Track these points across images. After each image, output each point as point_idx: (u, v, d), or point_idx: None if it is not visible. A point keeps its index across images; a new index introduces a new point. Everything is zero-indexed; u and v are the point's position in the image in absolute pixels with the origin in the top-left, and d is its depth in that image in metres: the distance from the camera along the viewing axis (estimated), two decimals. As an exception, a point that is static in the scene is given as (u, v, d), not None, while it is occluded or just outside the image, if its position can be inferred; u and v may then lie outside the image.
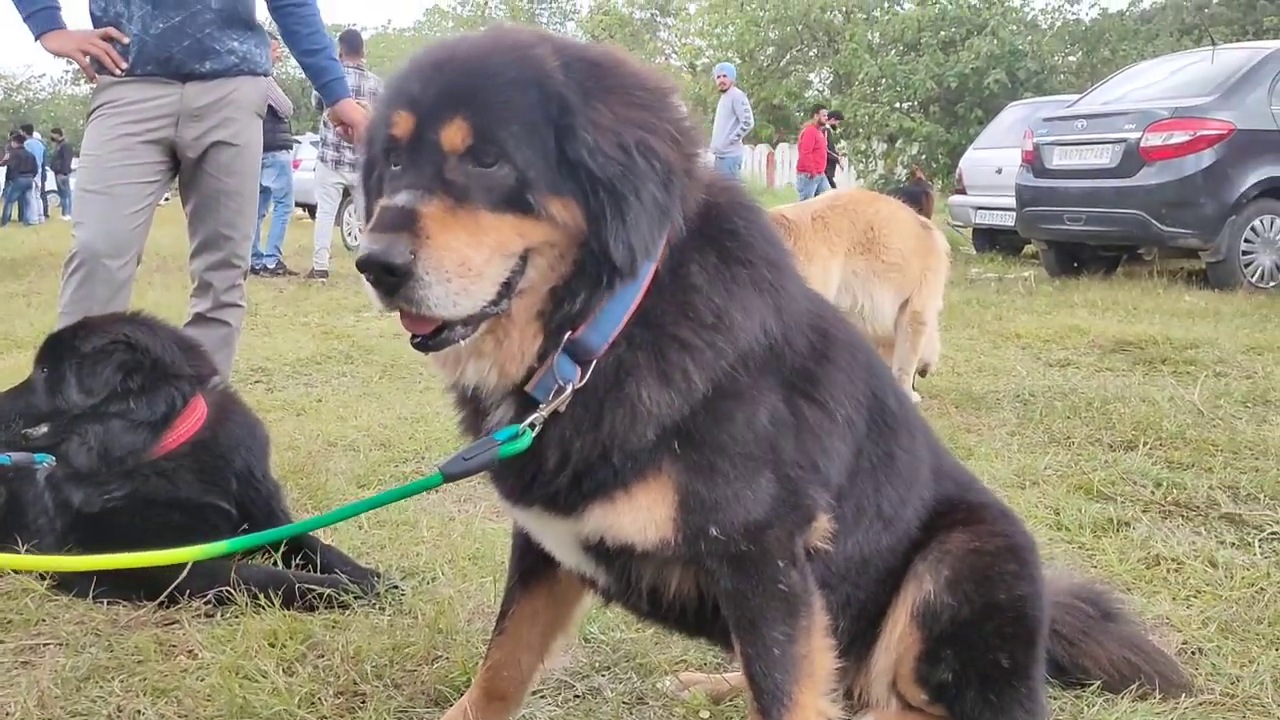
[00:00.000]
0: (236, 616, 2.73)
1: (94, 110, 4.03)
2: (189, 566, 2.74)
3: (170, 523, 2.88)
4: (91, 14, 4.05)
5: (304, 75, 4.61)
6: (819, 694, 1.87)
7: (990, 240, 15.05)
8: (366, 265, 1.49)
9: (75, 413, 2.94)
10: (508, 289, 1.57)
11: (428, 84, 1.59)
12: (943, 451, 2.27)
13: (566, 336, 1.64)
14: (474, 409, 1.82)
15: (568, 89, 1.57)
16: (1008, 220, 13.19)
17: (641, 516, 1.73)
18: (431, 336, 1.57)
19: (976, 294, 9.92)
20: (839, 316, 2.09)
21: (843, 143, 27.32)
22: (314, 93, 12.59)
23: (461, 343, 1.58)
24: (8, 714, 2.28)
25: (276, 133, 13.26)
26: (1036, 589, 2.13)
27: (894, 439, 2.05)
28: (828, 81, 36.94)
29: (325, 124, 12.65)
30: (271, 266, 12.78)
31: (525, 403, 1.71)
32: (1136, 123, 10.31)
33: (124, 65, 3.93)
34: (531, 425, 1.68)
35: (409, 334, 1.59)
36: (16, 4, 3.96)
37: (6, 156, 28.65)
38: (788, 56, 38.77)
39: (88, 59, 3.94)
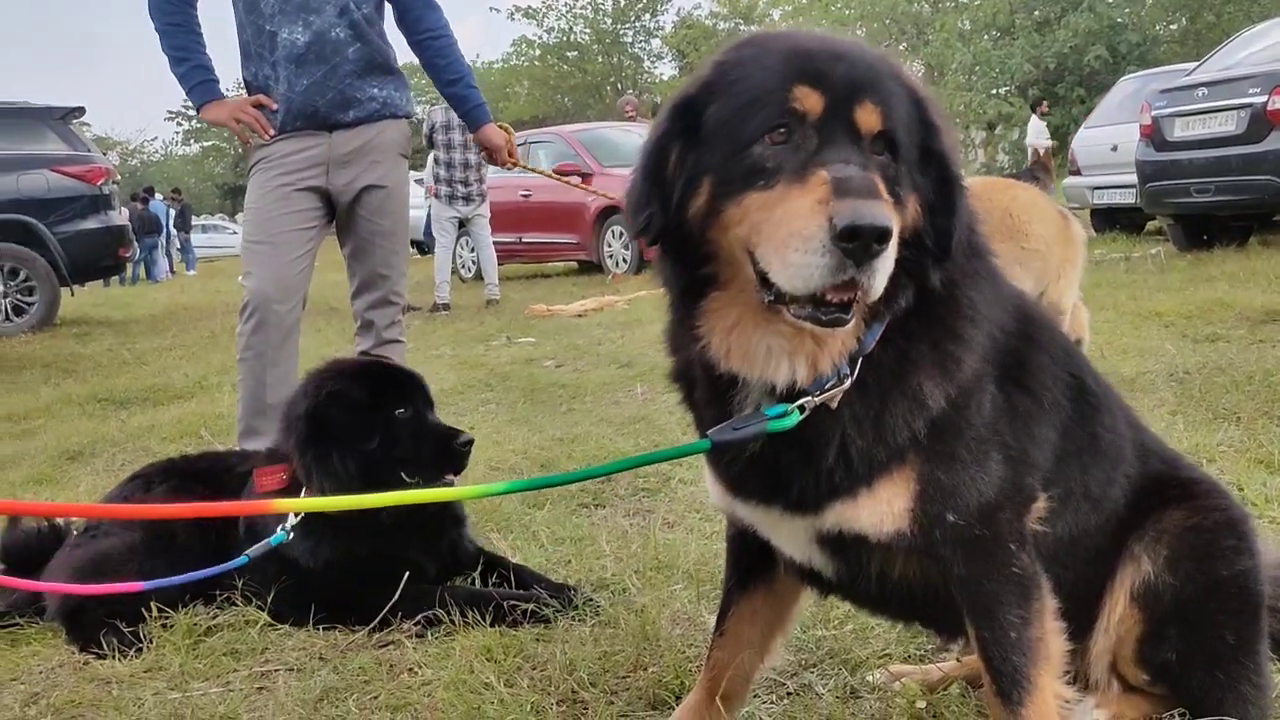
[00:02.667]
0: (449, 635, 2.85)
1: (252, 167, 4.27)
2: (400, 591, 2.90)
3: (382, 576, 2.99)
4: (244, 80, 4.32)
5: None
6: (1055, 676, 1.89)
7: (1110, 220, 14.71)
8: (860, 231, 1.46)
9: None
10: None
11: (837, 68, 1.62)
12: (1145, 428, 2.27)
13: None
14: (722, 403, 1.85)
15: (930, 106, 1.72)
16: (1127, 198, 12.87)
17: (881, 509, 1.78)
18: (845, 310, 1.57)
19: (1106, 275, 9.69)
20: (1034, 301, 2.13)
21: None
22: (425, 129, 13.01)
23: (851, 323, 1.62)
24: (257, 736, 2.42)
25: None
26: (1257, 563, 2.11)
27: (1097, 419, 2.06)
28: (920, 74, 36.46)
29: (437, 160, 13.01)
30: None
31: (779, 400, 1.75)
32: (1262, 86, 9.98)
33: (272, 132, 4.16)
34: (801, 408, 1.72)
35: (810, 312, 1.57)
36: (179, 79, 4.23)
37: (131, 218, 29.99)
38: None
39: (241, 126, 4.16)
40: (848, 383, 1.71)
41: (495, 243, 17.10)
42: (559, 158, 16.67)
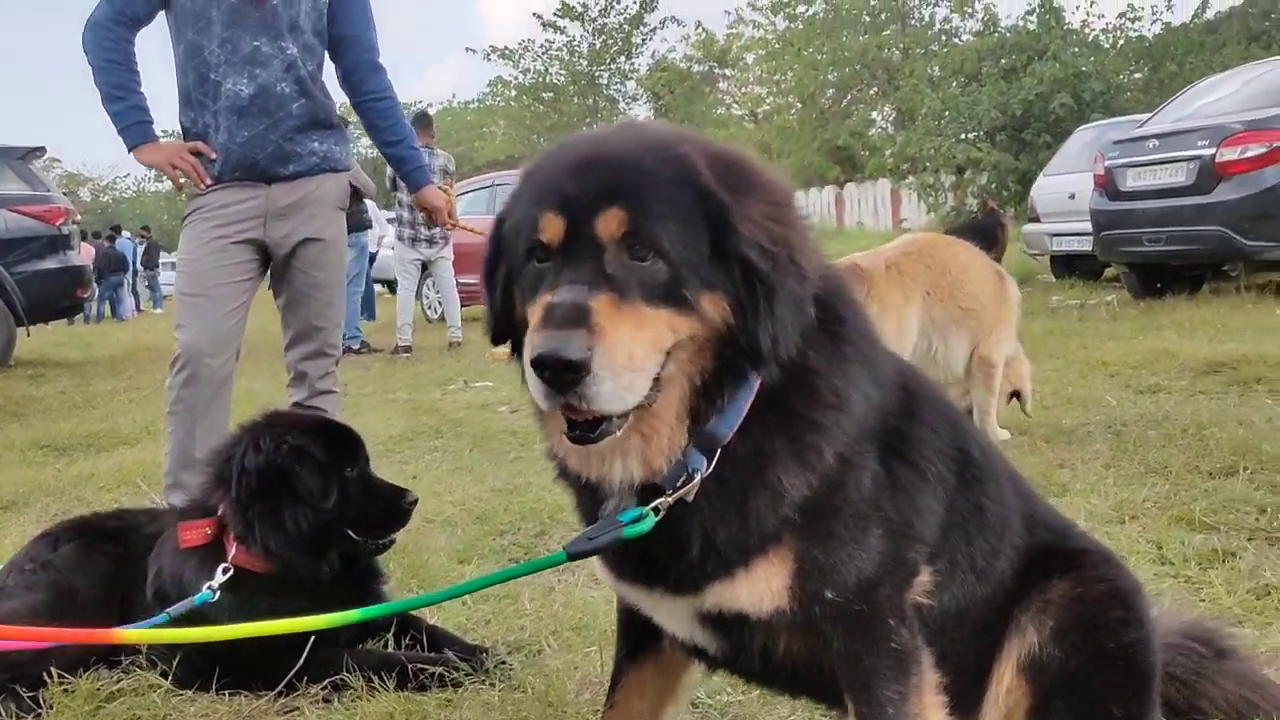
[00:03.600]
0: (354, 701, 2.81)
1: (187, 216, 4.25)
2: (305, 655, 2.85)
3: (295, 637, 2.91)
4: (181, 125, 4.28)
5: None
6: (932, 751, 1.88)
7: (1069, 266, 14.86)
8: (544, 363, 1.49)
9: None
10: (656, 382, 1.61)
11: (581, 181, 1.61)
12: (1035, 498, 2.28)
13: (699, 428, 1.69)
14: (591, 495, 1.86)
15: (722, 187, 1.63)
16: (1085, 245, 13.01)
17: (759, 588, 1.78)
18: (591, 429, 1.58)
19: (1059, 323, 9.80)
20: (917, 372, 2.14)
21: (910, 178, 27.24)
22: (389, 172, 13.04)
23: (618, 433, 1.61)
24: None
25: (358, 214, 13.67)
26: (1145, 633, 2.11)
27: (981, 490, 2.07)
28: (890, 119, 36.87)
29: (400, 203, 13.03)
30: (356, 347, 13.10)
31: (645, 490, 1.75)
32: (1210, 138, 10.16)
33: (208, 181, 4.15)
34: (656, 510, 1.73)
35: (566, 428, 1.60)
36: (112, 117, 4.19)
37: (97, 256, 29.84)
38: (848, 97, 38.86)
39: (178, 172, 4.14)
40: (698, 478, 1.70)
41: (461, 284, 17.13)
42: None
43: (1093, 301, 11.65)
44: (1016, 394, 5.54)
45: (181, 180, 4.19)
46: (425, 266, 13.44)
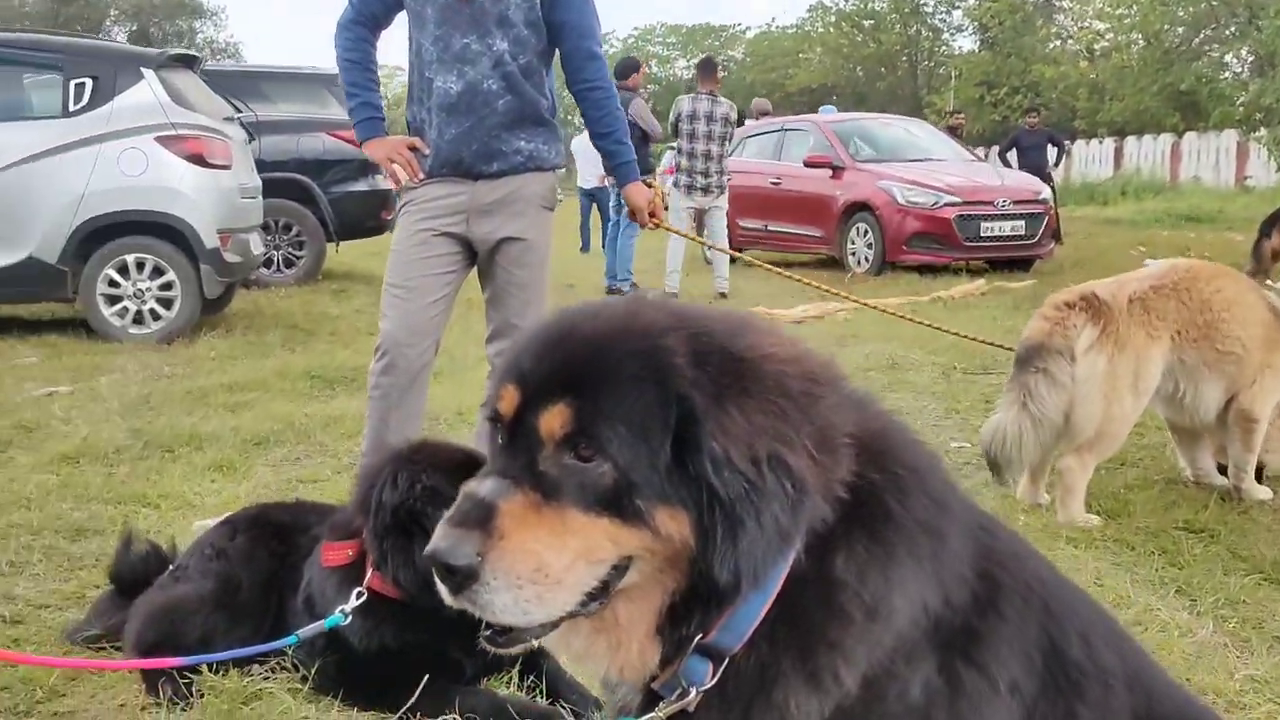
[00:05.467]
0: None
1: (401, 207, 4.40)
2: (423, 688, 2.94)
3: (424, 668, 3.02)
4: (407, 120, 4.44)
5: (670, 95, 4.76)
6: None
7: None
8: (430, 560, 1.41)
9: None
10: (602, 591, 1.47)
11: (540, 361, 1.49)
12: (1170, 696, 1.95)
13: (697, 639, 1.52)
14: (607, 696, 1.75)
15: (697, 389, 1.42)
16: None
17: None
18: (503, 633, 1.48)
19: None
20: (1013, 549, 1.84)
21: (1261, 131, 24.50)
22: (673, 115, 13.08)
23: (535, 642, 1.50)
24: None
25: (644, 158, 13.82)
26: None
27: (1077, 696, 1.78)
28: (1246, 63, 33.26)
29: (678, 150, 13.06)
30: (626, 290, 13.34)
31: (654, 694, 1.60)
32: None
33: (421, 175, 4.26)
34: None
35: (486, 625, 1.48)
36: (349, 111, 4.43)
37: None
38: (1200, 36, 35.25)
39: (394, 167, 4.28)
40: (694, 693, 1.52)
41: (742, 228, 17.08)
42: (811, 147, 16.38)
43: None
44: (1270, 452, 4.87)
45: (399, 175, 4.32)
46: (700, 216, 13.44)
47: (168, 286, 9.65)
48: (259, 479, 5.37)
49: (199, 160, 9.73)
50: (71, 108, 9.51)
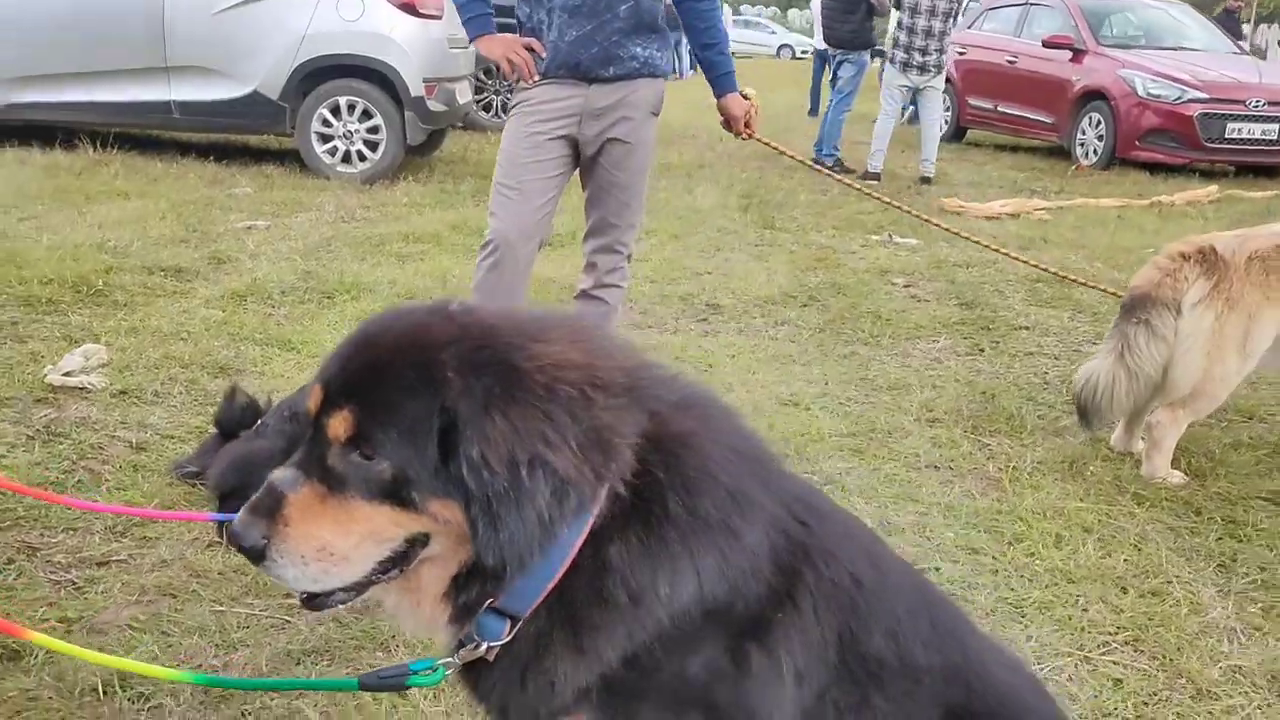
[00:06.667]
0: None
1: (513, 107, 4.54)
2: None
3: None
4: (517, 19, 4.53)
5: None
6: None
7: None
8: (231, 540, 1.67)
9: None
10: (402, 560, 1.69)
11: (339, 367, 1.69)
12: (994, 691, 2.02)
13: (488, 603, 1.72)
14: None
15: (465, 398, 1.59)
16: None
17: None
18: (311, 597, 1.72)
19: None
20: (833, 546, 1.90)
21: None
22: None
23: (341, 607, 1.74)
24: None
25: (865, 31, 13.37)
26: None
27: (876, 688, 1.90)
28: None
29: (899, 24, 12.55)
30: (829, 165, 13.12)
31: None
32: None
33: (536, 76, 4.37)
34: (446, 666, 1.83)
35: None
36: (458, 7, 4.53)
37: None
38: None
39: (510, 66, 4.42)
40: (484, 647, 1.74)
41: (970, 107, 16.35)
42: (1055, 27, 15.35)
43: None
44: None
45: (514, 75, 4.45)
46: (914, 93, 12.95)
47: (375, 130, 10.24)
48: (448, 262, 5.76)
49: (410, 9, 10.16)
50: (296, -50, 10.03)
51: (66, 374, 4.67)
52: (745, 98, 4.69)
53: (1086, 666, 3.20)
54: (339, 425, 1.62)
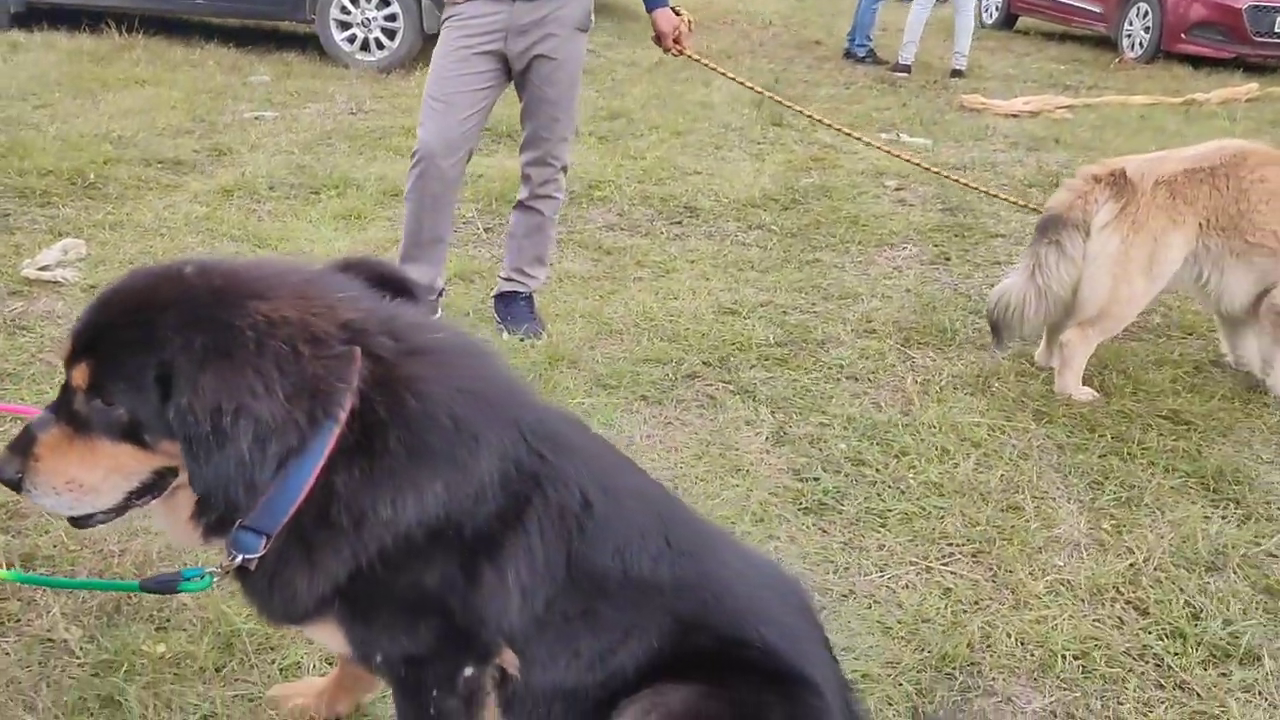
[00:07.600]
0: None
1: (443, 21, 4.66)
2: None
3: None
4: (449, -60, 4.63)
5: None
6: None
7: None
8: None
9: None
10: (155, 488, 1.95)
11: (86, 322, 1.92)
12: (729, 606, 2.25)
13: (239, 522, 1.97)
14: None
15: (180, 355, 1.81)
16: None
17: (327, 638, 2.15)
18: (75, 520, 2.01)
19: None
20: (564, 474, 2.12)
21: None
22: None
23: (101, 526, 2.03)
24: None
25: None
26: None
27: (600, 598, 2.14)
28: None
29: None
30: (861, 55, 12.92)
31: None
32: None
33: None
34: (212, 574, 2.13)
35: None
36: None
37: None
38: None
39: (440, -19, 4.55)
40: (239, 558, 1.98)
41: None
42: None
43: None
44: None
45: (443, -10, 4.57)
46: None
47: (392, 18, 10.34)
48: (374, 234, 6.04)
49: (428, -105, 10.14)
50: None
51: (42, 268, 4.99)
52: (676, 14, 4.77)
53: (925, 576, 3.39)
54: (79, 376, 1.87)
